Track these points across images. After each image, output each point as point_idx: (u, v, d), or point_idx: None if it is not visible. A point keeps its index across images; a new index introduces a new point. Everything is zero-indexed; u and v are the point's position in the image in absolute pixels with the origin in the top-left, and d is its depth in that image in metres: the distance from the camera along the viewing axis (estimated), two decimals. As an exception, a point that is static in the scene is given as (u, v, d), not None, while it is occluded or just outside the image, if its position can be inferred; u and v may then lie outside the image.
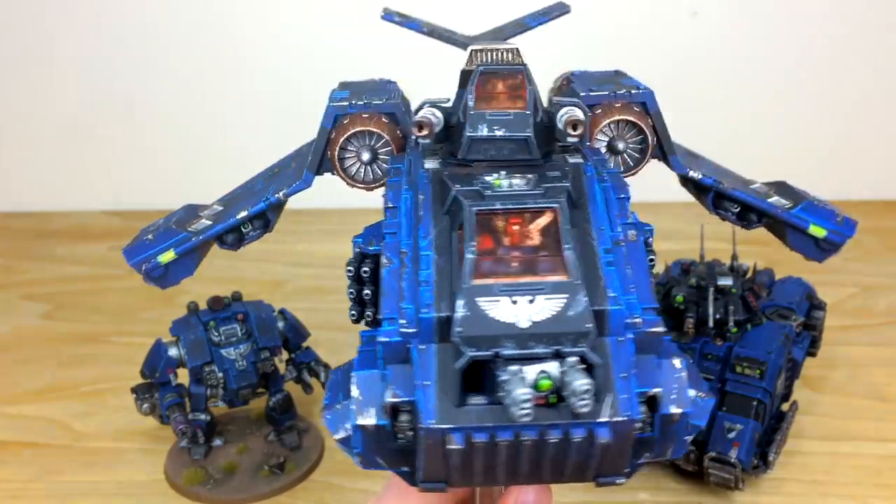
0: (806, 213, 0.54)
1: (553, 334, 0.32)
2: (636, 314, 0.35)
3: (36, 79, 1.49)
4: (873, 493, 0.72)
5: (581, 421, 0.32)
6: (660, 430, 0.35)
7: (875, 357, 0.94)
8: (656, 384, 0.34)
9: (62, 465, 0.81)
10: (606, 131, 0.50)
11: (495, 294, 0.33)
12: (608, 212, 0.39)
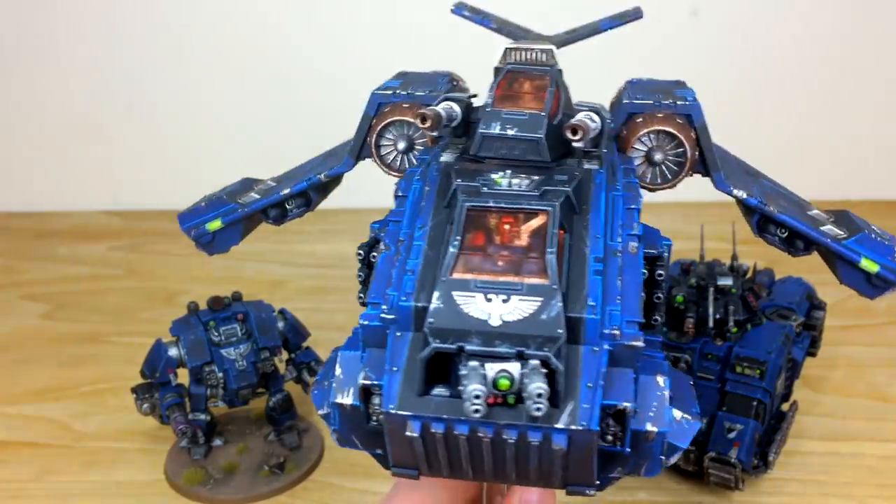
0: (860, 245, 0.49)
1: (521, 335, 0.32)
2: (616, 326, 0.34)
3: (36, 79, 1.49)
4: (873, 493, 0.72)
5: (537, 425, 0.32)
6: (632, 446, 0.35)
7: (875, 357, 0.94)
8: (627, 398, 0.33)
9: (62, 465, 0.81)
10: (645, 141, 0.48)
11: (471, 290, 0.34)
12: (612, 221, 0.39)
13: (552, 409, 0.32)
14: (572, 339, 0.33)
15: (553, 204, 0.36)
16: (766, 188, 0.54)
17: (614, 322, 0.34)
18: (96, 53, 1.45)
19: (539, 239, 0.35)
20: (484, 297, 0.33)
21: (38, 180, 1.56)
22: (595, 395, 0.32)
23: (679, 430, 0.36)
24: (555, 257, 0.34)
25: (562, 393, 0.32)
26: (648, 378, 0.35)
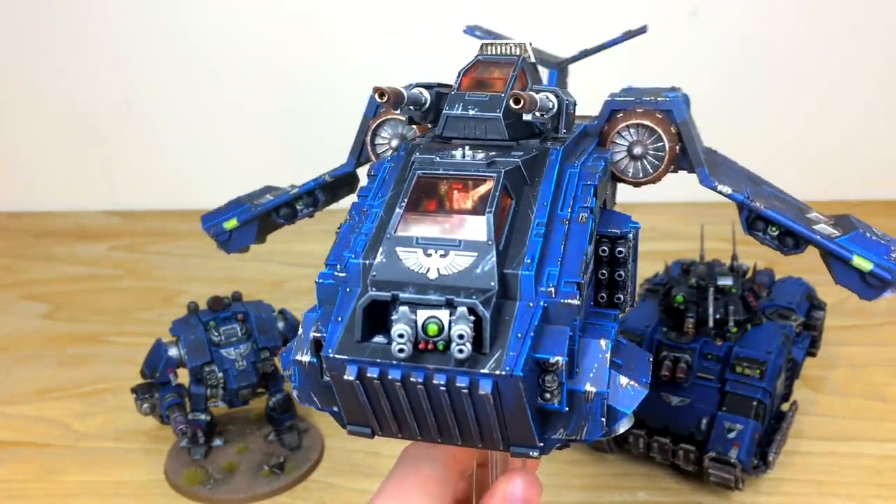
0: (853, 243, 0.49)
1: (455, 287, 0.34)
2: (552, 284, 0.35)
3: (36, 79, 1.49)
4: (873, 493, 0.72)
5: (464, 370, 0.33)
6: (570, 406, 0.36)
7: (875, 357, 0.94)
8: (559, 353, 0.34)
9: (62, 465, 0.81)
10: (626, 136, 0.50)
11: (413, 246, 0.36)
12: (564, 193, 0.40)
13: (480, 356, 0.33)
14: (509, 295, 0.35)
15: (498, 171, 0.38)
16: (765, 192, 0.54)
17: (551, 281, 0.36)
18: (96, 54, 1.45)
19: (483, 202, 0.37)
20: (424, 253, 0.35)
21: (38, 180, 1.56)
22: (522, 344, 0.33)
23: (624, 396, 0.36)
24: (492, 216, 0.36)
25: (487, 341, 0.33)
26: (591, 341, 0.37)
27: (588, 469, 0.76)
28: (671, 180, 0.58)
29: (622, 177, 0.50)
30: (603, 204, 0.46)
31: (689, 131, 0.50)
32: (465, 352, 0.32)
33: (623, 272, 0.42)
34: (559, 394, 0.35)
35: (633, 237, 0.42)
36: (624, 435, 0.73)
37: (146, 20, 1.42)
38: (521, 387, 0.33)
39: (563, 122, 0.43)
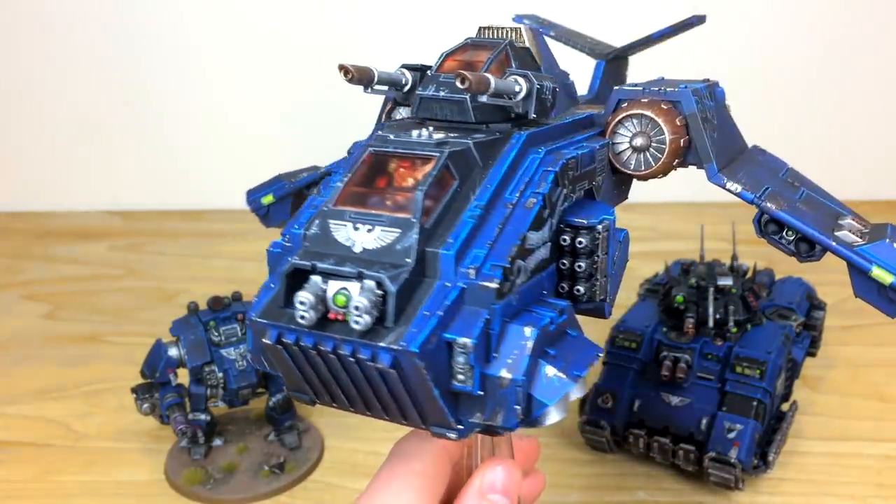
0: (874, 253, 0.45)
1: (371, 261, 0.35)
2: (474, 265, 0.35)
3: (36, 79, 1.49)
4: (873, 493, 0.72)
5: (366, 342, 0.33)
6: (485, 390, 0.35)
7: (875, 357, 0.94)
8: (467, 334, 0.34)
9: (62, 465, 0.81)
10: (629, 126, 0.48)
11: (345, 219, 0.36)
12: (516, 177, 0.40)
13: (384, 329, 0.34)
14: (429, 274, 0.35)
15: (442, 151, 0.37)
16: (796, 195, 0.51)
17: (474, 262, 0.35)
18: (97, 54, 1.45)
19: (421, 181, 0.37)
20: (353, 227, 0.36)
21: (38, 180, 1.56)
22: (427, 322, 0.33)
23: (547, 387, 0.36)
24: (422, 194, 0.35)
25: (391, 315, 0.33)
26: (516, 327, 0.36)
27: (588, 469, 0.76)
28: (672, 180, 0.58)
29: (623, 169, 0.48)
30: (590, 193, 0.45)
31: (698, 124, 0.47)
32: (361, 324, 0.33)
33: (584, 264, 0.41)
34: (472, 376, 0.35)
35: (606, 229, 0.42)
36: (624, 435, 0.73)
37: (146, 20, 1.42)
38: (420, 364, 0.33)
39: (532, 107, 0.42)
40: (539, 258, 0.39)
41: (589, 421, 0.75)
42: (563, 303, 0.39)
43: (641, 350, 0.75)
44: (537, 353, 0.36)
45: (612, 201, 0.49)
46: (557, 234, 0.41)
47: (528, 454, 0.52)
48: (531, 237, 0.38)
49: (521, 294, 0.37)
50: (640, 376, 0.75)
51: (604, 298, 0.43)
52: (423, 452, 0.43)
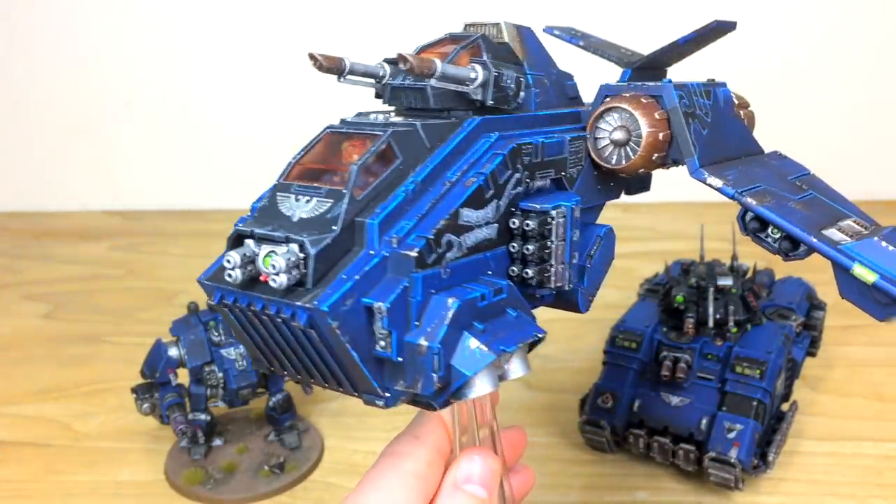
0: (859, 251, 0.42)
1: (302, 228, 0.37)
2: (398, 235, 0.37)
3: (36, 79, 1.49)
4: (873, 493, 0.72)
5: (287, 301, 0.35)
6: (405, 357, 0.36)
7: (874, 357, 0.94)
8: (382, 299, 0.35)
9: (62, 465, 0.81)
10: (610, 120, 0.47)
11: (290, 192, 0.39)
12: (464, 158, 0.41)
13: (304, 290, 0.35)
14: (358, 242, 0.37)
15: (386, 131, 0.39)
16: (795, 196, 0.49)
17: (398, 232, 0.37)
18: (96, 54, 1.45)
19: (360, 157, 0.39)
20: (295, 198, 0.38)
21: (38, 180, 1.56)
22: (342, 285, 0.35)
23: (468, 358, 0.37)
24: (357, 168, 0.37)
25: (310, 277, 0.35)
26: (440, 298, 0.37)
27: (588, 469, 0.76)
28: (672, 180, 0.58)
29: (603, 163, 0.48)
30: (559, 183, 0.45)
31: (680, 119, 0.47)
32: (277, 283, 0.35)
33: (532, 247, 0.42)
34: (390, 342, 0.36)
35: (562, 215, 0.42)
36: (624, 435, 0.73)
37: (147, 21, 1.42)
38: (333, 324, 0.34)
39: (489, 95, 0.43)
40: (480, 237, 0.40)
41: (589, 421, 0.75)
42: (502, 282, 0.40)
43: (641, 350, 0.75)
44: (461, 325, 0.37)
45: (595, 196, 0.49)
46: (509, 217, 0.42)
47: (515, 444, 0.52)
48: (466, 214, 0.39)
49: (457, 269, 0.39)
50: (640, 376, 0.75)
51: (561, 286, 0.43)
52: (414, 453, 0.43)
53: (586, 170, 0.48)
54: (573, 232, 0.43)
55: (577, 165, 0.47)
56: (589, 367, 0.91)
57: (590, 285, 0.47)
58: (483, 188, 0.40)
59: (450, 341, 0.36)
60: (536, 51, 0.49)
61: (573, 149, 0.46)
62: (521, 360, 0.41)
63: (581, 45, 0.63)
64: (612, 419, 0.73)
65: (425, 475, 0.43)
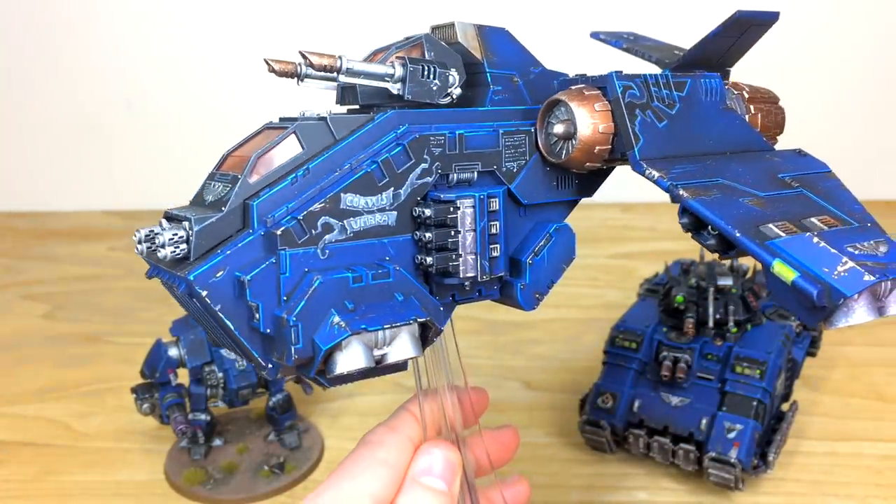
0: (784, 246, 0.39)
1: (205, 209, 0.40)
2: (272, 216, 0.39)
3: (37, 80, 1.49)
4: (873, 493, 0.72)
5: (175, 272, 0.39)
6: (268, 327, 0.39)
7: (874, 357, 0.94)
8: (245, 273, 0.38)
9: (62, 465, 0.81)
10: (558, 113, 0.46)
11: (213, 179, 0.43)
12: (367, 148, 0.42)
13: (190, 263, 0.39)
14: (248, 223, 0.40)
15: (290, 125, 0.42)
16: (752, 191, 0.47)
17: (275, 213, 0.39)
18: (97, 54, 1.45)
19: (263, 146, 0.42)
20: (213, 184, 0.42)
21: (38, 180, 1.56)
22: (214, 258, 0.38)
23: (327, 333, 0.39)
24: (255, 157, 0.40)
25: (192, 252, 0.39)
26: (310, 276, 0.39)
27: (588, 469, 0.76)
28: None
29: (550, 158, 0.47)
30: (493, 176, 0.46)
31: (622, 110, 0.45)
32: (161, 255, 0.38)
33: (431, 235, 0.42)
34: (258, 314, 0.39)
35: (469, 205, 0.43)
36: (624, 435, 0.73)
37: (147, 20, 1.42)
38: (202, 293, 0.38)
39: (406, 90, 0.44)
40: (372, 223, 0.42)
41: (589, 421, 0.75)
42: (389, 266, 0.41)
43: (641, 350, 0.75)
44: (329, 303, 0.39)
45: (546, 193, 0.48)
46: (416, 205, 0.43)
47: (505, 444, 0.53)
48: (351, 199, 0.41)
49: (341, 251, 0.41)
50: (640, 376, 0.75)
51: (474, 276, 0.44)
52: (387, 441, 0.44)
53: (533, 164, 0.48)
54: (489, 223, 0.44)
55: (517, 160, 0.47)
56: (589, 367, 0.91)
57: (534, 282, 0.47)
58: (374, 175, 0.41)
59: (313, 317, 0.39)
60: (506, 50, 0.49)
61: (510, 142, 0.47)
62: (405, 343, 0.41)
63: (624, 47, 0.63)
64: (612, 419, 0.73)
65: (395, 463, 0.44)
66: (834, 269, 0.38)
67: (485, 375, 0.93)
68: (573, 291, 1.12)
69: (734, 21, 0.51)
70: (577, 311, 1.06)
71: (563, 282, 0.49)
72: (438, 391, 0.49)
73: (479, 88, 0.48)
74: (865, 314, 0.39)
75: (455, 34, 0.48)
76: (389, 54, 0.45)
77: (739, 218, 0.42)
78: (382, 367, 0.41)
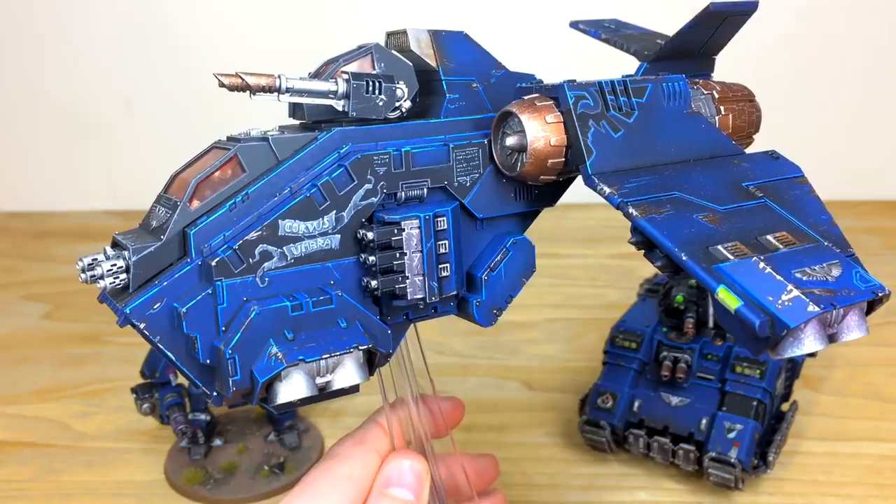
0: (731, 271, 0.37)
1: (150, 236, 0.40)
2: (209, 245, 0.39)
3: (36, 79, 1.49)
4: (873, 493, 0.72)
5: (115, 303, 0.39)
6: (207, 358, 0.39)
7: (874, 357, 0.94)
8: (182, 304, 0.38)
9: (62, 465, 0.81)
10: (512, 124, 0.44)
11: (159, 203, 0.42)
12: (310, 169, 0.41)
13: (129, 294, 0.39)
14: (187, 252, 0.39)
15: (234, 145, 0.41)
16: (710, 205, 0.44)
17: (212, 242, 0.39)
18: (96, 53, 1.45)
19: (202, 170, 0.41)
20: (157, 209, 0.41)
21: (38, 180, 1.56)
22: (150, 289, 0.38)
23: (264, 365, 0.38)
24: (196, 182, 0.40)
25: (130, 282, 0.38)
26: (248, 305, 0.39)
27: (588, 469, 0.76)
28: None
29: (505, 171, 0.46)
30: (445, 192, 0.44)
31: (573, 122, 0.43)
32: (103, 285, 0.38)
33: (375, 258, 0.41)
34: (196, 345, 0.38)
35: (414, 226, 0.42)
36: (624, 435, 0.73)
37: (147, 20, 1.42)
38: (139, 325, 0.38)
39: (350, 106, 0.43)
40: (313, 248, 0.41)
41: (589, 421, 0.75)
42: (331, 292, 0.40)
43: (641, 350, 0.75)
44: (267, 333, 0.38)
45: (504, 205, 0.47)
46: (360, 228, 0.42)
47: (483, 475, 0.52)
48: (289, 225, 0.40)
49: (281, 279, 0.40)
50: (640, 376, 0.75)
51: (422, 297, 0.43)
52: (352, 456, 0.44)
53: (487, 177, 0.46)
54: (437, 243, 0.43)
55: (470, 174, 0.45)
56: (589, 367, 0.91)
57: (490, 298, 0.46)
58: (314, 199, 0.40)
59: (250, 348, 0.38)
60: (465, 55, 0.48)
61: (462, 156, 0.45)
62: (350, 370, 0.40)
63: (603, 38, 0.61)
64: (612, 419, 0.73)
65: (359, 477, 0.43)
66: (778, 297, 0.36)
67: (485, 375, 0.93)
68: (573, 291, 1.12)
69: (707, 14, 0.49)
70: (577, 311, 1.06)
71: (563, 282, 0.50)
72: (406, 402, 0.48)
73: (435, 97, 0.47)
74: (814, 343, 0.37)
75: (407, 42, 0.46)
76: (337, 67, 0.44)
77: (689, 239, 0.40)
78: (329, 393, 0.40)
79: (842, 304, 0.37)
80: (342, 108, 0.43)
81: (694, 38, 0.52)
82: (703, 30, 0.52)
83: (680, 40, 0.52)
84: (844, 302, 0.38)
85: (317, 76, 0.45)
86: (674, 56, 0.54)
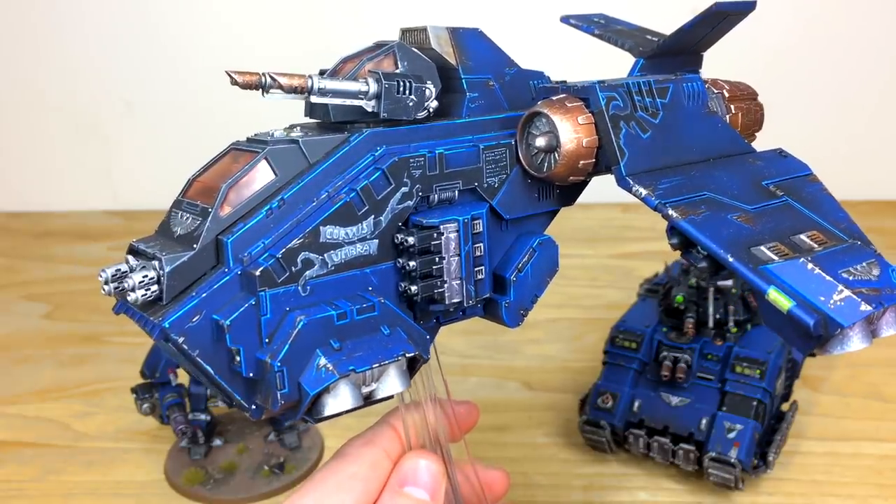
0: (778, 273, 0.38)
1: (177, 245, 0.38)
2: (248, 254, 0.37)
3: (36, 79, 1.49)
4: (873, 493, 0.72)
5: (147, 315, 0.37)
6: (250, 371, 0.37)
7: (874, 357, 0.94)
8: (225, 316, 0.36)
9: (62, 465, 0.81)
10: (539, 125, 0.44)
11: (180, 208, 0.40)
12: (345, 173, 0.40)
13: (162, 306, 0.37)
14: (222, 260, 0.37)
15: (263, 148, 0.39)
16: (741, 206, 0.45)
17: (251, 251, 0.37)
18: (96, 53, 1.45)
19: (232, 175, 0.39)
20: (181, 215, 0.39)
21: (38, 180, 1.56)
22: (189, 302, 0.36)
23: (314, 376, 0.37)
24: (226, 187, 0.38)
25: (165, 293, 0.36)
26: (292, 315, 0.37)
27: (588, 469, 0.76)
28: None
29: (533, 171, 0.46)
30: (475, 193, 0.44)
31: (606, 123, 0.43)
32: (131, 299, 0.36)
33: (415, 263, 0.41)
34: (239, 358, 0.37)
35: (453, 230, 0.41)
36: (624, 435, 0.73)
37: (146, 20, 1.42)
38: (178, 339, 0.36)
39: (381, 106, 0.41)
40: (353, 254, 0.40)
41: (589, 421, 0.75)
42: (373, 299, 0.39)
43: (641, 350, 0.75)
44: (314, 343, 0.37)
45: (529, 206, 0.47)
46: (397, 232, 0.41)
47: (491, 488, 0.51)
48: (330, 231, 0.39)
49: (323, 287, 0.39)
50: (640, 376, 0.75)
51: (459, 302, 0.42)
52: (361, 456, 0.43)
53: (514, 178, 0.46)
54: (473, 246, 0.42)
55: (498, 174, 0.45)
56: (589, 367, 0.91)
57: (518, 299, 0.46)
58: (353, 204, 0.39)
59: (297, 359, 0.37)
60: (481, 53, 0.47)
61: (491, 157, 0.45)
62: (393, 378, 0.39)
63: (596, 33, 0.61)
64: (612, 419, 0.73)
65: (367, 477, 0.42)
66: (830, 297, 0.37)
67: (485, 375, 0.93)
68: (573, 291, 1.12)
69: (712, 13, 0.49)
70: (578, 311, 1.06)
71: (563, 282, 0.49)
72: (422, 403, 0.48)
73: (455, 96, 0.46)
74: (860, 341, 0.38)
75: (428, 39, 0.46)
76: (360, 66, 0.43)
77: (730, 239, 0.41)
78: (370, 402, 0.39)
79: (889, 302, 0.38)
80: (372, 109, 0.41)
81: (693, 35, 0.53)
82: (703, 28, 0.52)
83: (679, 37, 0.52)
84: (891, 300, 0.38)
85: (334, 74, 0.44)
86: (669, 53, 0.54)
